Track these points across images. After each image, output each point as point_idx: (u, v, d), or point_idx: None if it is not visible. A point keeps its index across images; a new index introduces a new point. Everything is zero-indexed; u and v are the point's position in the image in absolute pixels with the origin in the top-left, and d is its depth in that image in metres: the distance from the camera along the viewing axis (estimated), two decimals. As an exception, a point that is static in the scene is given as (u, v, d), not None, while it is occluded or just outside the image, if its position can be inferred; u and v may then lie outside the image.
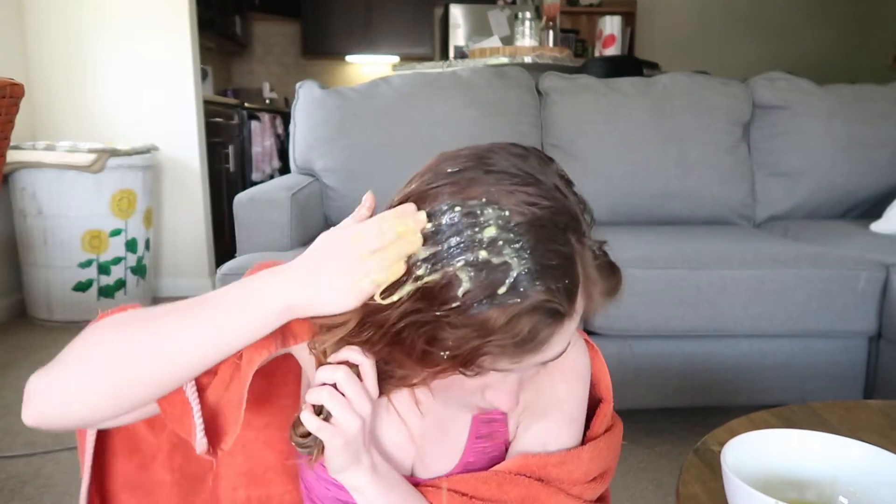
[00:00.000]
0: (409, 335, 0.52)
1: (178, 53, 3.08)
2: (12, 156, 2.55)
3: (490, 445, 0.70)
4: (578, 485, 0.68)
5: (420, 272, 0.51)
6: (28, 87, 1.36)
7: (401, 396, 0.68)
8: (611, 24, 3.57)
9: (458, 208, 0.51)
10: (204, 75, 4.16)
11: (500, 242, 0.50)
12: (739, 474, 0.54)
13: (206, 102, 3.36)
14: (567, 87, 2.17)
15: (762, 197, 2.23)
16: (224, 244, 3.47)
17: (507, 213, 0.50)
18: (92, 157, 2.59)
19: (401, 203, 0.54)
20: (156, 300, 3.12)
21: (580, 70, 2.96)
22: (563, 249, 0.51)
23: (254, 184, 3.38)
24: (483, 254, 0.49)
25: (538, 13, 3.48)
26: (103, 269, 2.73)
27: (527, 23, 3.13)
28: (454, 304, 0.50)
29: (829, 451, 0.61)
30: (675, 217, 2.14)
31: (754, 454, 0.60)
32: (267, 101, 5.35)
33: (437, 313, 0.50)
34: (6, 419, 1.84)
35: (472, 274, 0.49)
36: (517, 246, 0.50)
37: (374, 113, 2.04)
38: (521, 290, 0.49)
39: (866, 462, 0.59)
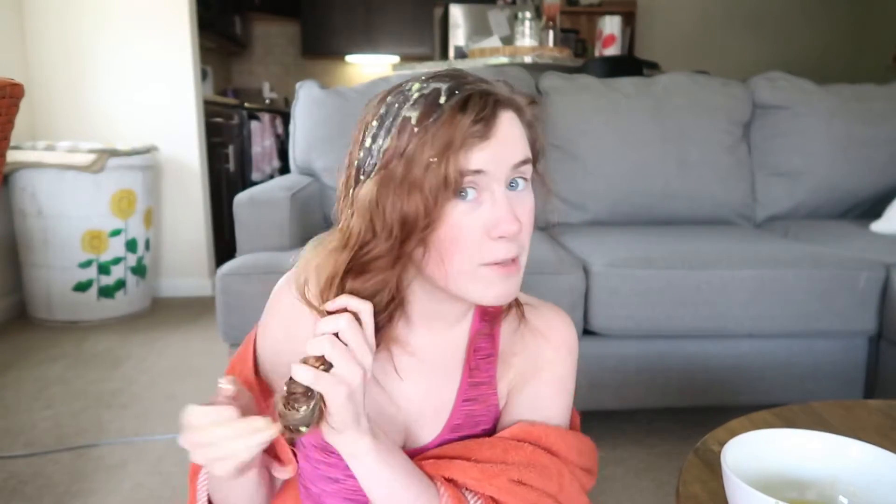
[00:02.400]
0: (396, 182, 0.58)
1: (178, 53, 3.08)
2: (12, 156, 2.55)
3: (477, 409, 0.71)
4: (575, 465, 0.70)
5: (380, 143, 0.60)
6: (28, 87, 1.36)
7: (379, 361, 0.69)
8: (611, 24, 3.56)
9: (388, 98, 0.62)
10: (204, 75, 4.16)
11: (425, 83, 0.60)
12: (739, 474, 0.54)
13: (206, 102, 3.37)
14: (567, 86, 2.17)
15: (762, 197, 2.23)
16: (224, 244, 3.47)
17: (425, 78, 0.61)
18: (92, 157, 2.59)
19: (353, 139, 0.64)
20: (156, 300, 3.13)
21: (580, 70, 2.96)
22: (477, 77, 0.62)
23: (254, 184, 3.38)
24: (415, 95, 0.59)
25: (538, 13, 3.48)
26: (103, 269, 2.73)
27: (527, 23, 3.13)
28: (415, 132, 0.58)
29: (829, 451, 0.61)
30: (675, 217, 2.14)
31: (754, 454, 0.60)
32: (267, 101, 5.35)
33: (408, 150, 0.58)
34: (6, 419, 1.84)
35: (413, 106, 0.59)
36: (440, 78, 0.60)
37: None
38: (457, 92, 0.58)
39: (866, 462, 0.59)
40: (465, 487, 0.66)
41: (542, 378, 0.72)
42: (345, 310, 0.58)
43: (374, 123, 0.61)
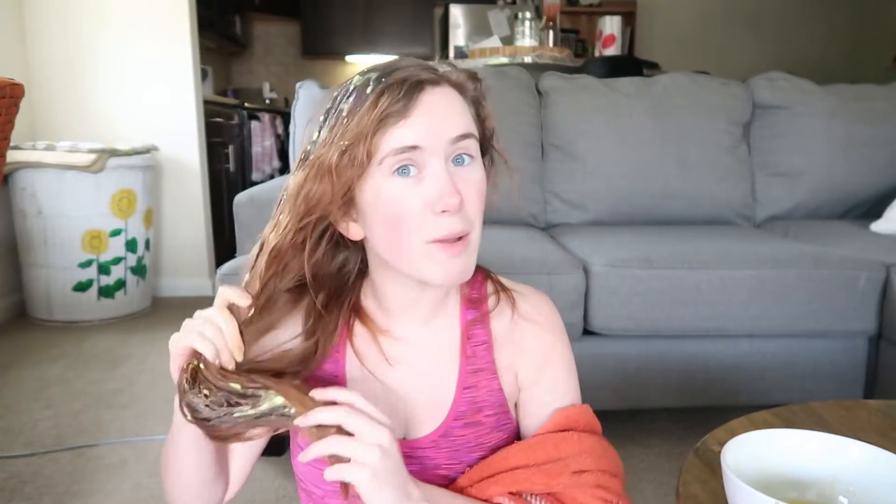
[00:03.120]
0: (329, 164, 0.61)
1: (178, 53, 3.08)
2: (12, 156, 2.55)
3: (479, 395, 0.72)
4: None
5: (320, 134, 0.64)
6: (28, 87, 1.36)
7: (368, 353, 0.71)
8: (611, 24, 3.57)
9: (335, 92, 0.66)
10: (204, 75, 4.16)
11: (362, 76, 0.63)
12: (739, 474, 0.54)
13: (206, 102, 3.36)
14: (567, 87, 2.17)
15: (762, 197, 2.23)
16: (224, 244, 3.47)
17: (366, 69, 0.64)
18: (92, 157, 2.59)
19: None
20: (156, 300, 3.13)
21: (580, 70, 2.96)
22: (420, 62, 0.64)
23: (254, 184, 3.38)
24: (352, 85, 0.63)
25: (538, 13, 3.48)
26: (103, 269, 2.73)
27: (527, 23, 3.13)
28: (343, 122, 0.61)
29: (829, 451, 0.61)
30: (675, 217, 2.14)
31: (754, 454, 0.60)
32: (267, 101, 5.35)
33: (337, 137, 0.61)
34: (6, 419, 1.84)
35: (346, 97, 0.63)
36: (378, 67, 0.64)
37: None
38: (383, 79, 0.61)
39: (866, 462, 0.59)
40: (531, 493, 0.68)
41: (553, 363, 0.74)
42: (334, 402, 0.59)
43: (321, 118, 0.65)
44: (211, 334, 0.60)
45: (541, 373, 0.74)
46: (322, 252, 0.68)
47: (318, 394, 0.60)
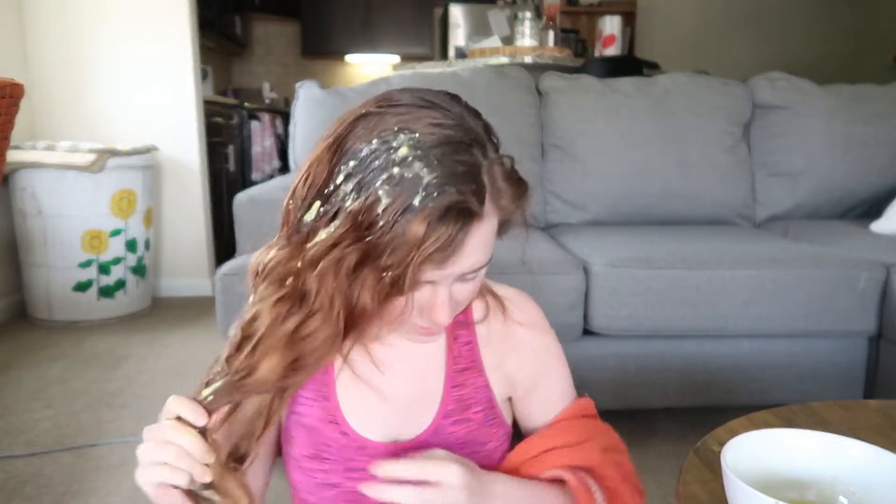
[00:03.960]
0: (348, 269, 0.56)
1: (178, 53, 3.08)
2: (12, 156, 2.55)
3: (466, 392, 0.74)
4: None
5: (347, 203, 0.56)
6: (28, 87, 1.36)
7: (358, 358, 0.72)
8: (611, 24, 3.56)
9: (374, 140, 0.56)
10: (204, 75, 4.16)
11: (411, 158, 0.55)
12: (739, 474, 0.54)
13: (206, 102, 3.36)
14: (567, 87, 2.17)
15: (762, 197, 2.23)
16: (224, 244, 3.47)
17: (416, 134, 0.56)
18: (92, 157, 2.59)
19: (322, 151, 0.59)
20: (156, 300, 3.13)
21: (580, 70, 2.96)
22: (469, 160, 0.57)
23: (254, 184, 3.38)
24: (396, 170, 0.54)
25: (538, 13, 3.48)
26: (103, 269, 2.73)
27: (527, 23, 3.13)
28: (380, 223, 0.54)
29: (829, 451, 0.61)
30: (675, 217, 2.14)
31: (754, 454, 0.60)
32: (267, 101, 5.34)
33: (367, 238, 0.55)
34: (6, 419, 1.84)
35: (389, 189, 0.54)
36: (427, 159, 0.55)
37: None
38: (435, 195, 0.54)
39: (866, 462, 0.59)
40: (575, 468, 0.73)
41: (550, 363, 0.78)
42: None
43: (352, 163, 0.56)
44: (173, 458, 0.55)
45: (540, 372, 0.77)
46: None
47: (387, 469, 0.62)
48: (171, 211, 3.20)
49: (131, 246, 2.80)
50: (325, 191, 0.58)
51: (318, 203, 0.58)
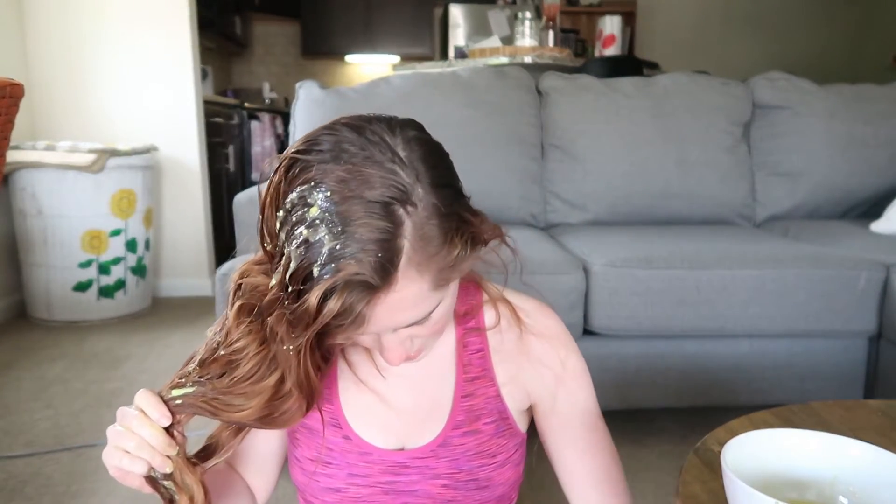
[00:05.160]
0: (283, 338, 0.56)
1: (178, 53, 3.08)
2: (12, 156, 2.55)
3: (476, 403, 0.71)
4: None
5: (280, 241, 0.54)
6: (28, 87, 1.36)
7: (360, 363, 0.70)
8: (611, 24, 3.57)
9: (295, 192, 0.53)
10: (204, 75, 4.16)
11: (318, 221, 0.51)
12: (739, 474, 0.54)
13: (206, 102, 3.36)
14: (567, 87, 2.17)
15: (762, 197, 2.23)
16: (224, 244, 3.47)
17: (329, 192, 0.51)
18: (92, 157, 2.59)
19: (273, 183, 0.56)
20: (156, 300, 3.13)
21: (580, 70, 2.96)
22: (380, 223, 0.51)
23: (254, 184, 3.38)
24: (305, 232, 0.51)
25: (538, 13, 3.48)
26: (103, 269, 2.73)
27: (527, 23, 3.13)
28: (290, 288, 0.53)
29: (829, 451, 0.61)
30: (675, 217, 2.14)
31: (754, 454, 0.60)
32: (267, 101, 5.34)
33: (286, 301, 0.54)
34: (6, 419, 1.84)
35: (298, 252, 0.52)
36: (332, 224, 0.51)
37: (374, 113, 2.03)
38: (332, 265, 0.50)
39: (866, 462, 0.59)
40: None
41: (567, 376, 0.74)
42: None
43: (280, 213, 0.54)
44: (134, 448, 0.58)
45: (558, 386, 0.74)
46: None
47: None
48: (171, 211, 3.20)
49: (131, 246, 2.80)
50: (273, 228, 0.56)
51: (268, 240, 0.57)
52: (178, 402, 0.59)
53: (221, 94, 5.00)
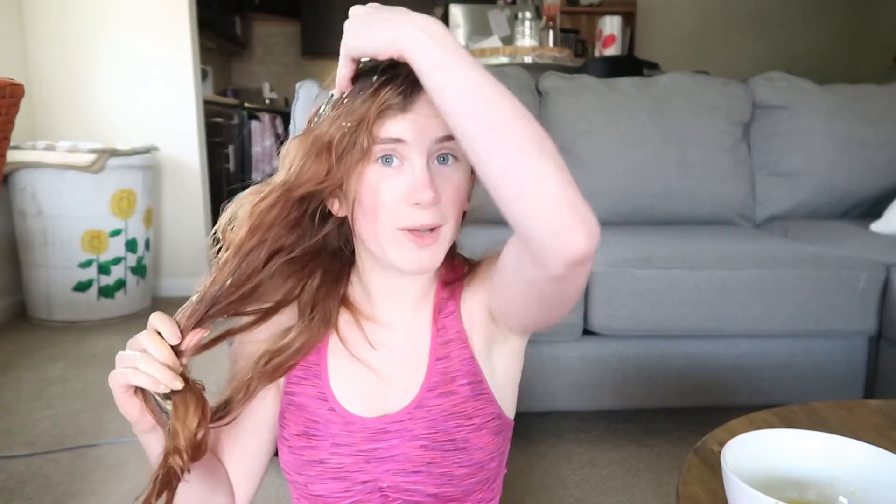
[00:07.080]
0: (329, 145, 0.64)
1: (178, 53, 3.08)
2: (12, 156, 2.55)
3: (451, 365, 0.74)
4: None
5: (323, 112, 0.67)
6: (28, 87, 1.36)
7: (352, 337, 0.74)
8: (611, 24, 3.57)
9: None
10: (204, 75, 4.16)
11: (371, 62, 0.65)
12: (739, 474, 0.54)
13: (206, 102, 3.37)
14: (567, 87, 2.17)
15: (762, 197, 2.23)
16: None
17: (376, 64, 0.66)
18: (92, 157, 2.59)
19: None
20: (156, 300, 3.13)
21: (580, 70, 2.96)
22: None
23: (254, 184, 3.38)
24: (360, 69, 0.65)
25: (538, 13, 3.48)
26: (103, 269, 2.73)
27: (527, 23, 3.13)
28: (345, 103, 0.65)
29: (829, 451, 0.61)
30: (675, 217, 2.14)
31: (754, 454, 0.60)
32: (267, 101, 5.35)
33: (334, 116, 0.64)
34: (6, 419, 1.84)
35: (357, 81, 0.66)
36: (390, 64, 0.64)
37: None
38: (393, 66, 0.63)
39: (866, 462, 0.59)
40: None
41: (484, 264, 0.77)
42: None
43: (330, 94, 0.68)
44: (144, 365, 0.61)
45: (484, 281, 0.74)
46: (304, 224, 0.70)
47: None
48: (171, 211, 3.20)
49: (131, 246, 2.80)
50: (312, 120, 0.69)
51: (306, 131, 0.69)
52: (190, 312, 0.66)
53: (221, 94, 5.00)
